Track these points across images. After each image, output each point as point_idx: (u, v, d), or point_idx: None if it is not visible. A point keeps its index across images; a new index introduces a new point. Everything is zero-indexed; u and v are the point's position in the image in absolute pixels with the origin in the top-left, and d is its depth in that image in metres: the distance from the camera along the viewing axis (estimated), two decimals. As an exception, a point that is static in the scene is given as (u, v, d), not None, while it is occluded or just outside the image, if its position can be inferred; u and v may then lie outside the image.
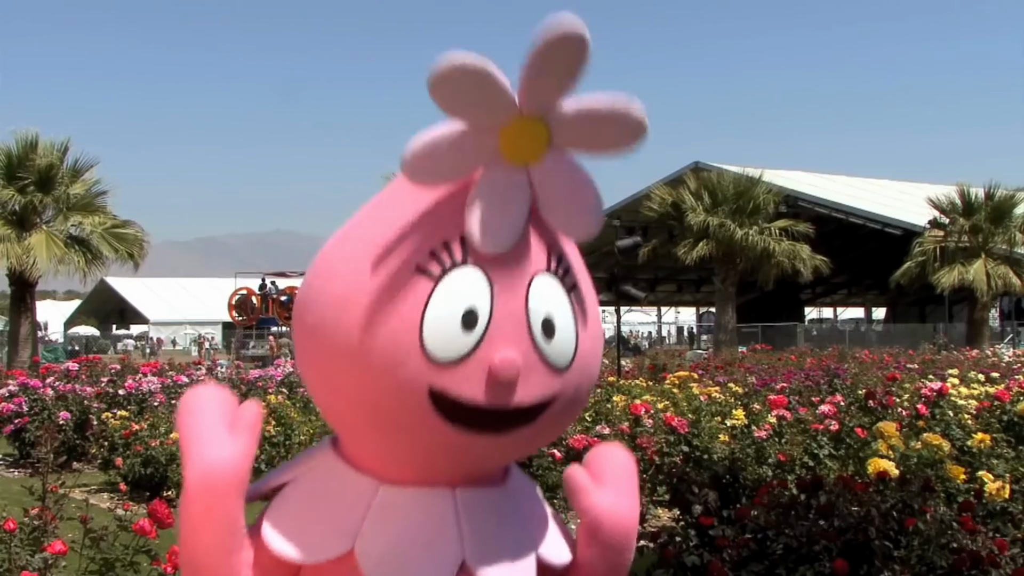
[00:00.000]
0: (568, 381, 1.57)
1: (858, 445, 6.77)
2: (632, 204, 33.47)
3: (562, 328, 1.56)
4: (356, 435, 1.64)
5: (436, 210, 1.53)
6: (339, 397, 1.59)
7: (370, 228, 1.58)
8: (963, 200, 28.06)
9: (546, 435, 1.65)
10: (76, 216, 20.65)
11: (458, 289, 1.48)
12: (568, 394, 1.58)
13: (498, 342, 1.48)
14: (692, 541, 4.49)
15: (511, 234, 1.51)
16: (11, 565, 3.92)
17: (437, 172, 1.48)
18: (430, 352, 1.46)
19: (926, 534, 4.03)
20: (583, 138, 1.51)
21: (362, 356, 1.49)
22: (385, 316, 1.48)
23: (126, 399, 11.12)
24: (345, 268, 1.56)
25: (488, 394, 1.49)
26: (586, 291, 1.66)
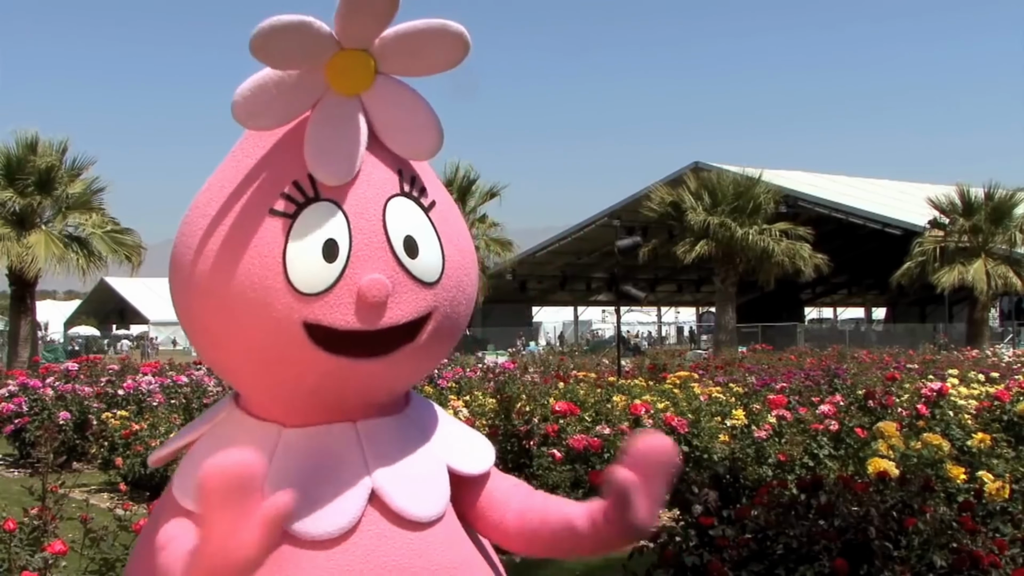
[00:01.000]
0: (440, 295, 1.62)
1: (858, 445, 6.77)
2: (632, 204, 33.49)
3: (425, 245, 1.60)
4: (246, 382, 1.67)
5: (281, 152, 1.57)
6: (220, 346, 1.62)
7: (226, 177, 1.61)
8: (963, 200, 28.06)
9: (430, 355, 1.68)
10: (75, 215, 20.67)
11: (314, 224, 1.52)
12: (444, 308, 1.63)
13: (362, 267, 1.52)
14: (692, 541, 4.48)
15: (350, 162, 1.55)
16: (11, 565, 3.92)
17: (270, 114, 1.52)
18: (297, 287, 1.50)
19: (926, 534, 4.03)
20: (408, 62, 1.56)
21: (231, 302, 1.53)
22: (247, 261, 1.52)
23: (126, 399, 11.12)
24: (203, 220, 1.59)
25: (360, 317, 1.52)
26: (447, 209, 1.69)
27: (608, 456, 7.00)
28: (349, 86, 1.55)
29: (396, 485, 1.60)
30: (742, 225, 27.94)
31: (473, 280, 1.74)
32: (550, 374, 13.40)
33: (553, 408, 7.66)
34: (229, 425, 1.69)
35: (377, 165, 1.60)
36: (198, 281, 1.58)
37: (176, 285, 1.65)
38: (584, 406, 8.47)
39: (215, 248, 1.55)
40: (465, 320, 1.73)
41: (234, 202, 1.56)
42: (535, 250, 41.04)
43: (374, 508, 1.58)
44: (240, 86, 1.49)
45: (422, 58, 1.56)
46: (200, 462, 1.62)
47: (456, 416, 8.49)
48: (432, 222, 1.64)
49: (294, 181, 1.54)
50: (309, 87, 1.53)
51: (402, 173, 1.63)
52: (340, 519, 1.55)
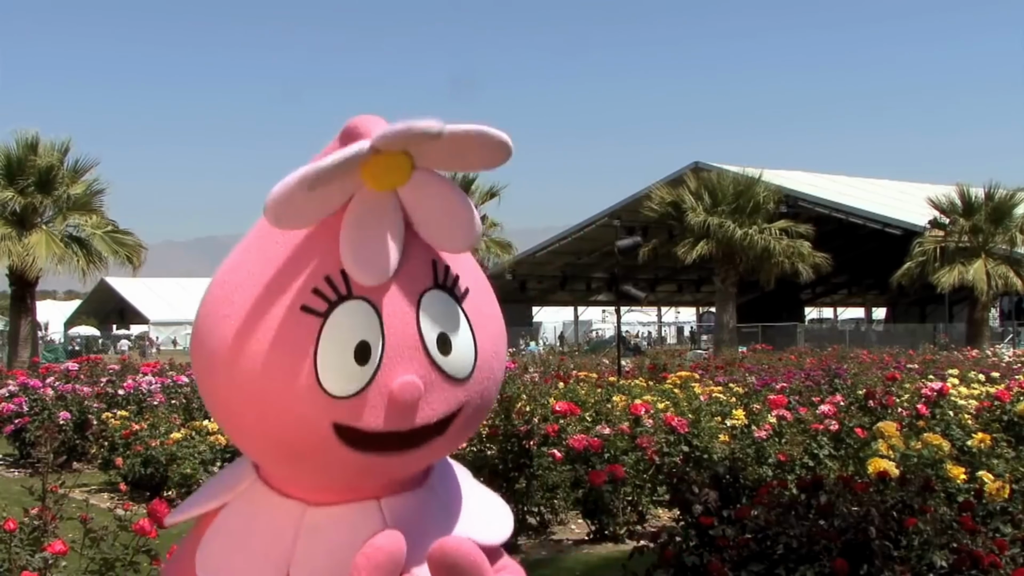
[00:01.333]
0: (472, 389, 1.58)
1: (858, 445, 6.77)
2: (632, 204, 33.48)
3: (458, 340, 1.56)
4: (270, 467, 1.64)
5: (315, 244, 1.53)
6: (245, 434, 1.59)
7: (255, 264, 1.57)
8: (963, 200, 28.06)
9: (459, 440, 1.65)
10: (75, 215, 20.67)
11: (346, 324, 1.48)
12: (475, 401, 1.59)
13: (394, 368, 1.48)
14: (692, 541, 4.48)
15: (388, 261, 1.51)
16: (11, 565, 3.92)
17: (302, 216, 1.47)
18: (328, 390, 1.46)
19: (926, 534, 4.03)
20: (447, 162, 1.52)
21: (260, 398, 1.50)
22: (277, 358, 1.48)
23: (126, 399, 11.12)
24: (234, 308, 1.55)
25: (392, 420, 1.49)
26: (480, 293, 1.65)
27: (608, 456, 7.00)
28: (385, 183, 1.51)
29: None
30: (742, 225, 27.94)
31: (502, 364, 1.70)
32: (550, 374, 13.40)
33: (553, 408, 7.66)
34: (251, 500, 1.67)
35: (411, 258, 1.55)
36: (224, 368, 1.54)
37: (199, 364, 1.61)
38: (584, 406, 8.47)
39: (244, 338, 1.52)
40: (493, 402, 1.72)
41: (264, 292, 1.52)
42: (535, 250, 41.04)
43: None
44: (272, 189, 1.44)
45: (461, 159, 1.53)
46: (224, 539, 1.62)
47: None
48: (465, 313, 1.60)
49: (326, 276, 1.50)
50: (344, 187, 1.48)
51: (436, 264, 1.58)
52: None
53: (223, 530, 1.65)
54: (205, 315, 1.62)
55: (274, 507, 1.63)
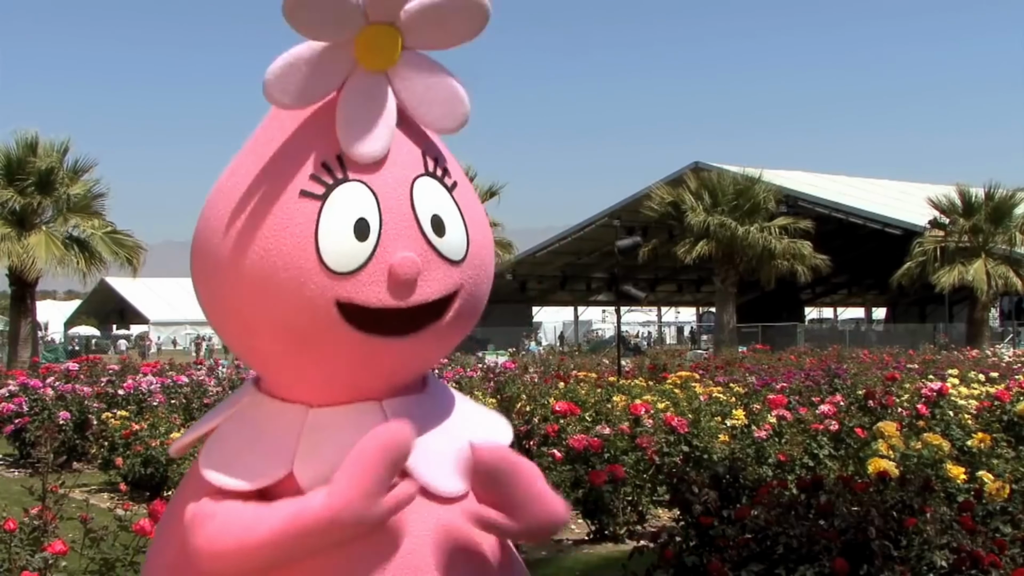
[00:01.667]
0: (466, 273, 1.66)
1: (858, 445, 6.77)
2: (632, 204, 33.48)
3: (451, 224, 1.63)
4: (276, 364, 1.68)
5: (309, 133, 1.60)
6: (250, 328, 1.64)
7: (252, 161, 1.63)
8: (963, 200, 28.05)
9: (453, 334, 1.71)
10: (75, 218, 20.65)
11: (344, 204, 1.55)
12: (469, 286, 1.67)
13: (393, 245, 1.56)
14: (692, 541, 4.48)
15: (384, 138, 1.58)
16: (11, 565, 3.92)
17: (301, 91, 1.54)
18: (330, 266, 1.53)
19: (926, 534, 4.03)
20: (432, 35, 1.59)
21: (264, 283, 1.55)
22: (279, 242, 1.54)
23: (126, 399, 11.12)
24: (234, 204, 1.61)
25: (392, 295, 1.56)
26: (467, 190, 1.73)
27: (608, 456, 7.00)
28: (377, 62, 1.58)
29: (423, 461, 1.63)
30: (742, 224, 27.94)
31: (492, 260, 1.78)
32: (550, 374, 13.40)
33: (553, 408, 7.66)
34: (254, 408, 1.72)
35: (403, 145, 1.63)
36: (229, 265, 1.59)
37: (202, 270, 1.66)
38: (584, 406, 8.47)
39: (246, 231, 1.57)
40: (485, 300, 1.77)
41: (263, 185, 1.58)
42: (535, 250, 41.02)
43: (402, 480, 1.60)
44: (271, 65, 1.52)
45: (446, 29, 1.59)
46: (229, 442, 1.66)
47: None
48: (456, 202, 1.67)
49: (323, 162, 1.57)
50: (338, 63, 1.55)
51: (426, 153, 1.66)
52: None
53: (226, 434, 1.68)
54: (206, 219, 1.66)
55: (277, 411, 1.67)
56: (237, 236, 1.58)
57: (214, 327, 1.75)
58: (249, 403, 1.73)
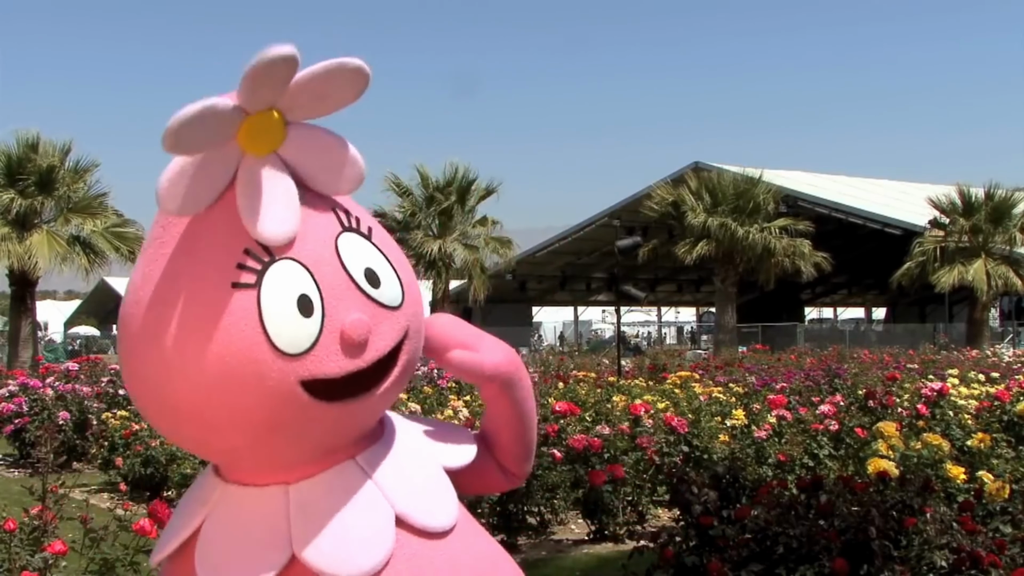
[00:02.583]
0: (407, 314, 1.67)
1: (858, 445, 6.77)
2: (632, 204, 33.47)
3: (383, 273, 1.64)
4: (244, 455, 1.64)
5: (217, 225, 1.55)
6: (215, 428, 1.58)
7: (169, 266, 1.57)
8: (963, 200, 28.06)
9: (409, 372, 1.72)
10: (77, 218, 20.64)
11: (280, 285, 1.52)
12: (414, 326, 1.68)
13: (338, 311, 1.55)
14: (692, 541, 4.48)
15: (290, 217, 1.56)
16: (11, 565, 3.92)
17: (194, 197, 1.52)
18: (285, 350, 1.51)
19: (926, 534, 4.03)
20: (313, 107, 1.58)
21: (227, 383, 1.51)
22: (227, 341, 1.49)
23: (126, 399, 11.11)
24: (160, 309, 1.55)
25: (351, 359, 1.55)
26: (379, 230, 1.72)
27: (608, 456, 7.00)
28: (263, 146, 1.55)
29: (413, 502, 1.64)
30: (742, 225, 27.94)
31: (418, 286, 1.79)
32: (550, 374, 13.40)
33: (553, 408, 7.66)
34: (230, 503, 1.67)
35: (313, 211, 1.61)
36: (178, 369, 1.52)
37: (145, 385, 1.59)
38: (584, 406, 8.47)
39: (191, 337, 1.51)
40: (423, 326, 1.78)
41: (190, 285, 1.53)
42: (535, 250, 41.02)
43: (401, 529, 1.61)
44: (159, 178, 1.49)
45: (327, 99, 1.58)
46: (219, 546, 1.63)
47: (455, 416, 8.52)
48: (378, 248, 1.67)
49: (245, 249, 1.53)
50: (226, 159, 1.53)
51: (336, 210, 1.65)
52: (378, 553, 1.57)
53: (213, 538, 1.64)
54: (134, 344, 1.59)
55: (256, 499, 1.64)
56: (182, 344, 1.52)
57: (162, 431, 1.69)
58: (222, 498, 1.68)
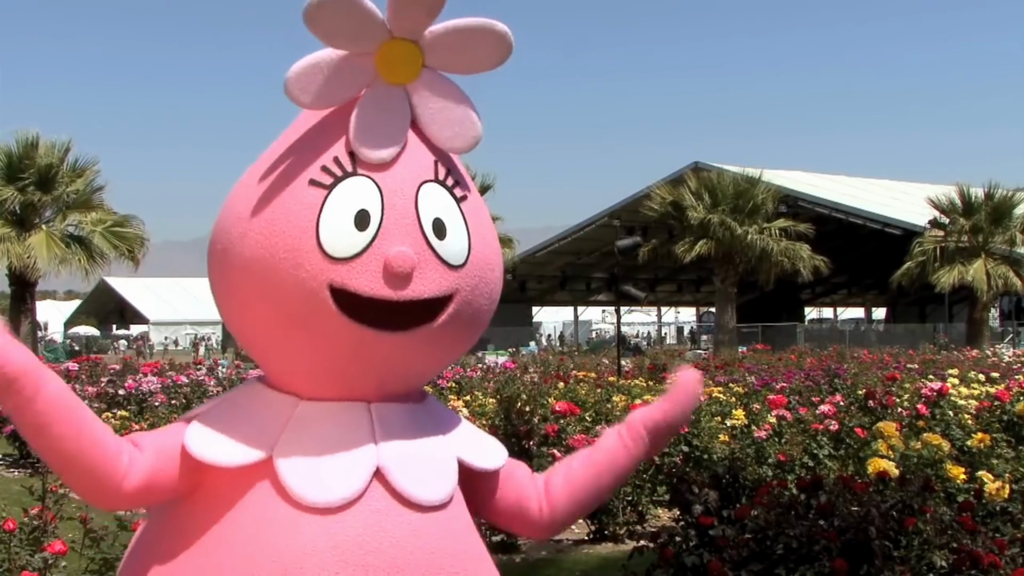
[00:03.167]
0: (463, 279, 1.68)
1: (858, 445, 6.77)
2: (632, 204, 33.48)
3: (453, 229, 1.67)
4: (271, 349, 1.72)
5: (324, 130, 1.66)
6: (248, 309, 1.69)
7: (272, 155, 1.70)
8: (963, 200, 28.05)
9: (447, 342, 1.73)
10: (75, 214, 20.62)
11: (349, 195, 1.61)
12: (465, 293, 1.69)
13: (391, 239, 1.60)
14: (692, 541, 4.48)
15: (391, 144, 1.64)
16: (11, 565, 3.92)
17: (320, 94, 1.60)
18: (327, 250, 1.58)
19: (926, 534, 4.03)
20: (453, 58, 1.65)
21: (265, 262, 1.61)
22: (283, 224, 1.60)
23: (126, 399, 11.12)
24: (249, 192, 1.68)
25: (384, 285, 1.59)
26: (478, 206, 1.77)
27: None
28: (397, 75, 1.63)
29: (401, 466, 1.65)
30: (742, 224, 27.94)
31: (497, 278, 1.80)
32: (550, 374, 13.40)
33: (553, 408, 7.66)
34: (247, 395, 1.76)
35: (416, 152, 1.68)
36: (236, 246, 1.65)
37: (216, 255, 1.71)
38: (584, 406, 8.47)
39: (255, 214, 1.64)
40: (486, 315, 1.79)
41: (278, 175, 1.65)
42: (535, 250, 41.02)
43: (378, 484, 1.63)
44: (294, 65, 1.58)
45: (466, 55, 1.65)
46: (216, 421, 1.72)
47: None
48: (462, 212, 1.71)
49: (334, 157, 1.63)
50: (358, 72, 1.61)
51: (438, 163, 1.70)
52: (342, 490, 1.60)
53: (215, 414, 1.71)
54: (226, 208, 1.73)
55: (268, 399, 1.71)
56: (247, 220, 1.65)
57: (223, 315, 1.78)
58: (244, 391, 1.79)
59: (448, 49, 1.63)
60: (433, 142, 1.70)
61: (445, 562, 1.65)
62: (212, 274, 1.74)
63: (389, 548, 1.59)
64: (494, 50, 1.64)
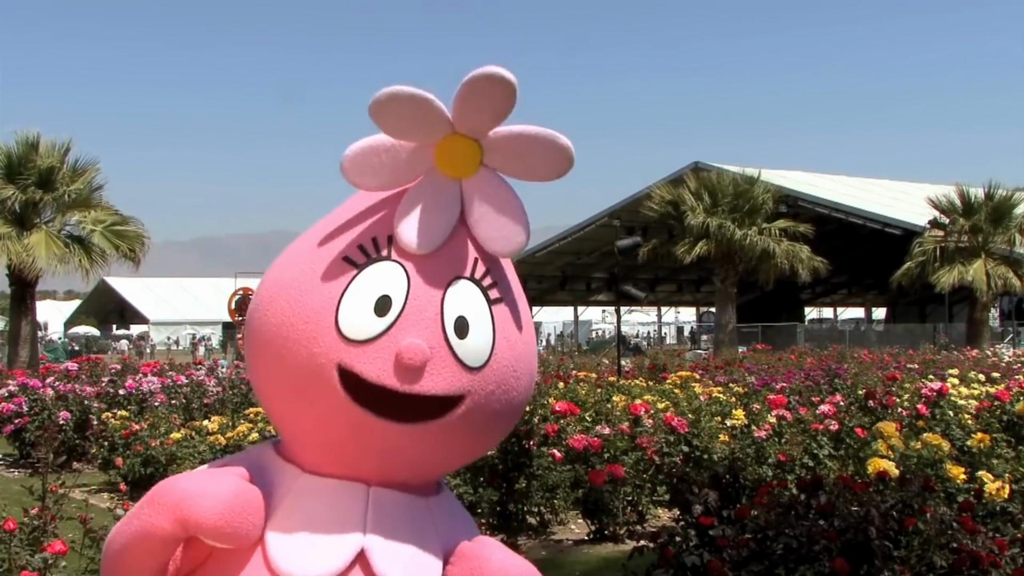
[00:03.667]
0: (479, 382, 1.63)
1: (858, 445, 6.77)
2: (632, 204, 33.45)
3: (477, 329, 1.63)
4: (279, 416, 1.73)
5: (374, 210, 1.66)
6: (265, 374, 1.70)
7: (319, 228, 1.72)
8: (963, 200, 28.03)
9: (460, 441, 1.68)
10: (75, 213, 20.61)
11: (376, 278, 1.60)
12: (479, 397, 1.63)
13: (408, 329, 1.58)
14: (692, 541, 4.48)
15: (435, 236, 1.62)
16: (11, 565, 3.92)
17: (375, 177, 1.61)
18: (343, 330, 1.58)
19: (926, 534, 4.03)
20: (514, 162, 1.63)
21: (283, 330, 1.62)
22: (309, 298, 1.61)
23: (126, 399, 11.12)
24: (289, 258, 1.71)
25: (393, 375, 1.57)
26: (514, 311, 1.72)
27: (608, 456, 7.00)
28: (455, 169, 1.62)
29: (385, 554, 1.62)
30: (742, 225, 27.92)
31: (523, 385, 1.73)
32: (550, 374, 13.40)
33: (553, 408, 7.66)
34: (257, 460, 1.75)
35: (457, 247, 1.65)
36: (263, 309, 1.68)
37: (249, 312, 1.75)
38: (584, 406, 8.47)
39: (287, 282, 1.66)
40: (505, 420, 1.74)
41: (319, 247, 1.67)
42: (535, 250, 40.97)
43: (360, 569, 1.60)
44: (352, 144, 1.60)
45: (527, 162, 1.63)
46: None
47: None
48: (492, 314, 1.66)
49: (373, 237, 1.63)
50: (416, 161, 1.61)
51: (476, 262, 1.67)
52: (322, 568, 1.58)
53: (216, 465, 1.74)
54: (269, 271, 1.75)
55: (276, 468, 1.71)
56: (279, 284, 1.67)
57: (248, 373, 1.82)
58: (257, 455, 1.77)
59: (508, 153, 1.62)
60: (478, 241, 1.67)
61: None
62: (245, 331, 1.79)
63: None
64: (554, 162, 1.62)
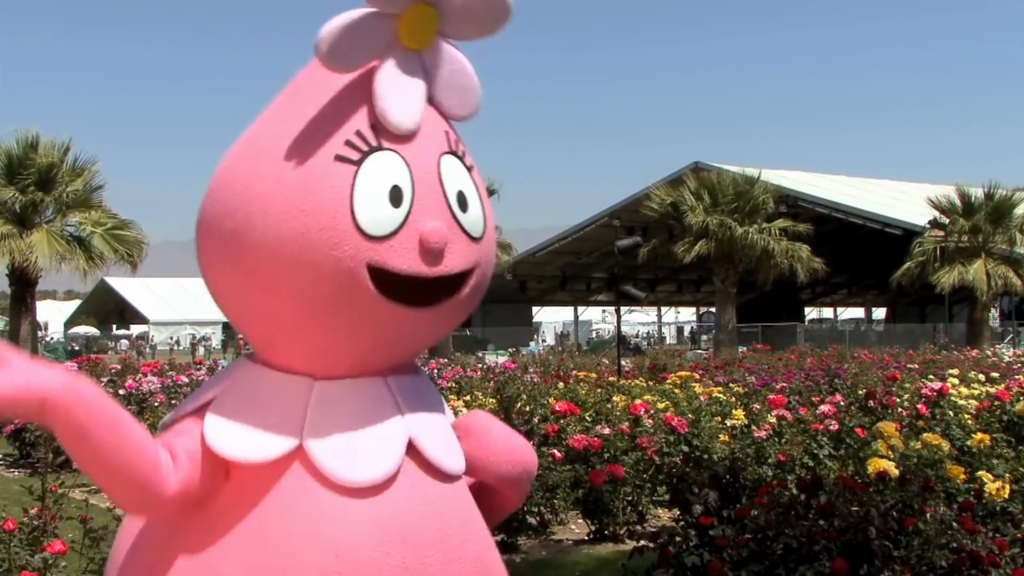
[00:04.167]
0: (483, 251, 1.72)
1: (858, 445, 6.77)
2: (632, 204, 33.47)
3: (472, 201, 1.70)
4: (290, 332, 1.68)
5: (340, 102, 1.65)
6: (274, 292, 1.64)
7: (278, 128, 1.66)
8: (963, 200, 28.04)
9: (462, 312, 1.76)
10: (75, 214, 20.62)
11: (379, 171, 1.61)
12: (484, 265, 1.73)
13: (424, 214, 1.62)
14: (692, 541, 4.48)
15: (417, 112, 1.66)
16: (11, 565, 3.92)
17: (347, 55, 1.61)
18: (364, 229, 1.58)
19: (926, 534, 4.03)
20: (462, 25, 1.69)
21: (297, 242, 1.57)
22: (313, 204, 1.58)
23: (126, 399, 11.11)
24: (261, 167, 1.63)
25: (421, 262, 1.60)
26: (478, 174, 1.79)
27: (608, 456, 7.00)
28: (416, 41, 1.66)
29: (429, 438, 1.68)
30: (742, 224, 27.93)
31: (495, 239, 1.84)
32: (550, 374, 13.40)
33: (553, 408, 7.66)
34: (252, 379, 1.72)
35: (429, 123, 1.69)
36: (256, 225, 1.60)
37: (223, 235, 1.64)
38: (584, 406, 8.47)
39: (277, 192, 1.59)
40: (489, 276, 1.83)
41: (296, 149, 1.61)
42: (535, 250, 40.98)
43: (410, 458, 1.65)
44: (325, 25, 1.58)
45: (474, 20, 1.68)
46: (231, 413, 1.66)
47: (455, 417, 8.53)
48: (475, 182, 1.74)
49: (357, 130, 1.62)
50: (379, 34, 1.62)
51: (448, 134, 1.72)
52: (381, 467, 1.60)
53: (227, 406, 1.68)
54: (225, 188, 1.67)
55: (279, 382, 1.69)
56: (266, 197, 1.60)
57: (218, 297, 1.73)
58: (245, 375, 1.73)
59: (459, 16, 1.66)
60: (440, 110, 1.72)
61: (474, 527, 1.71)
62: (214, 254, 1.67)
63: (432, 520, 1.62)
64: (494, 18, 1.68)
